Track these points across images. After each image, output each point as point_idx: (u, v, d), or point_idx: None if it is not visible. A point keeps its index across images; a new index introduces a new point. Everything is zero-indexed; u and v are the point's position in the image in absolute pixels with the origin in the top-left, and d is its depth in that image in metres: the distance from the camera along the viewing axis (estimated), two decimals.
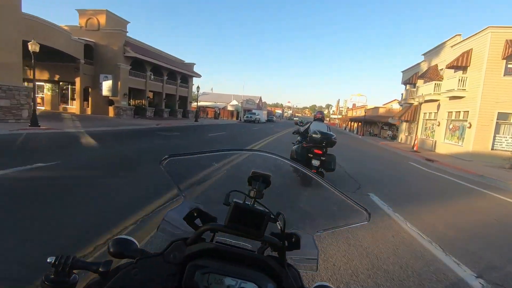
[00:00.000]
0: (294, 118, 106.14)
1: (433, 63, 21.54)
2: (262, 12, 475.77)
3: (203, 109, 52.10)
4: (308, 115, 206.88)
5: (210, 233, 0.68)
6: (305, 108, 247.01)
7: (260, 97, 73.36)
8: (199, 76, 34.34)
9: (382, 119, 37.40)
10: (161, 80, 28.49)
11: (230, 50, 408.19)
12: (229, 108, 57.20)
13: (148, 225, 3.14)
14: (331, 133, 6.07)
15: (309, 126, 6.45)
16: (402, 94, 28.72)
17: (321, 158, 5.78)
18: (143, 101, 26.05)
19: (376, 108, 40.48)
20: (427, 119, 22.18)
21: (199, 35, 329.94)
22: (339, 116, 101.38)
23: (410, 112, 23.92)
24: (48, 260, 0.59)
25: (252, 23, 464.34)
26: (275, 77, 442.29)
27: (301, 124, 7.27)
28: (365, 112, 37.00)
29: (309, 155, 5.82)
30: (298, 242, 0.70)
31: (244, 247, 0.67)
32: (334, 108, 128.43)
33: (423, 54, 23.57)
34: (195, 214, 0.72)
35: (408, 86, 26.14)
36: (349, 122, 58.44)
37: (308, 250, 0.71)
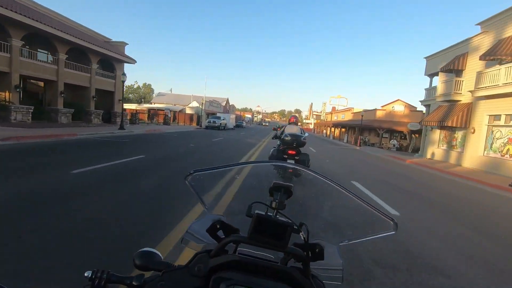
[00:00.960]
0: (265, 123, 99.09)
1: (508, 33, 13.06)
2: (223, 12, 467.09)
3: (154, 112, 40.61)
4: (278, 119, 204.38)
5: (233, 244, 0.67)
6: (274, 112, 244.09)
7: (227, 99, 63.08)
8: (132, 61, 23.16)
9: (384, 125, 29.11)
10: (55, 60, 17.03)
11: (194, 48, 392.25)
12: (188, 111, 46.13)
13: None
14: (301, 134, 6.43)
15: (283, 129, 6.69)
16: (427, 89, 20.22)
17: (295, 157, 6.10)
18: (7, 93, 14.41)
19: (372, 112, 32.32)
20: (497, 126, 13.58)
21: (152, 25, 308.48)
22: (314, 121, 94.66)
23: (458, 114, 15.26)
24: (85, 275, 0.61)
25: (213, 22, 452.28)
26: (243, 80, 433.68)
27: (278, 129, 7.27)
28: (362, 116, 28.50)
29: (284, 156, 6.11)
30: (322, 253, 0.69)
31: (267, 258, 0.67)
32: (306, 113, 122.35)
33: (480, 24, 15.09)
34: (218, 226, 0.72)
35: (443, 76, 17.65)
36: (330, 128, 50.39)
37: (333, 261, 0.70)
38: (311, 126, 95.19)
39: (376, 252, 3.24)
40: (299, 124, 7.30)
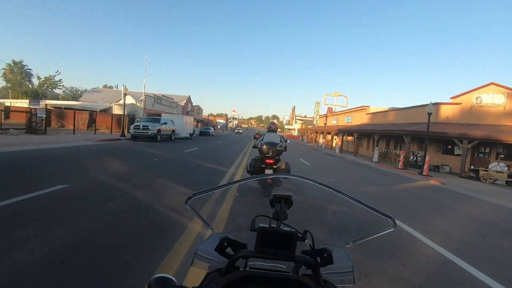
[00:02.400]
0: (238, 129, 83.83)
1: None
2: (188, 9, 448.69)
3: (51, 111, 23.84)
4: (254, 125, 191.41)
5: (243, 259, 0.67)
6: (251, 118, 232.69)
7: (189, 97, 46.72)
8: None
9: (473, 132, 14.72)
10: None
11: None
12: (117, 110, 29.64)
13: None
14: (280, 142, 6.09)
15: (262, 137, 6.33)
16: None
17: (273, 166, 5.83)
18: None
19: (433, 107, 17.94)
20: None
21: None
22: (298, 126, 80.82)
23: None
24: None
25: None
26: (217, 85, 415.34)
27: (257, 136, 8.15)
28: (429, 115, 14.06)
29: (261, 165, 5.83)
30: (331, 257, 0.70)
31: (278, 269, 0.68)
32: (288, 117, 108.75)
33: None
34: (226, 244, 0.73)
35: None
36: (332, 135, 36.12)
37: (342, 264, 0.70)
38: (295, 133, 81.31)
39: None
40: (279, 131, 6.43)
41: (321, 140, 39.18)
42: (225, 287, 0.60)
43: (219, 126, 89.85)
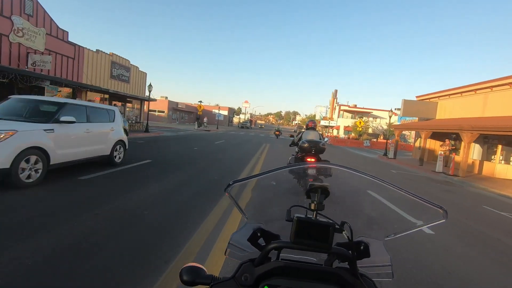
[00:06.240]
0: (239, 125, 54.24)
1: None
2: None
3: None
4: (273, 122, 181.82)
5: (275, 250, 0.67)
6: (269, 114, 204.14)
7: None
8: None
9: None
10: None
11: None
12: None
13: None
14: (320, 139, 6.09)
15: (301, 135, 6.43)
16: None
17: None
18: None
19: None
20: None
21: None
22: (345, 123, 47.44)
23: None
24: None
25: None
26: (233, 79, 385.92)
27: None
28: None
29: None
30: (367, 250, 0.68)
31: (310, 261, 0.67)
32: (323, 109, 75.44)
33: None
34: (259, 234, 0.73)
35: None
36: None
37: (380, 257, 0.68)
38: (340, 133, 48.02)
39: None
40: (302, 130, 7.04)
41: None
42: (259, 278, 0.60)
43: (218, 118, 56.16)
